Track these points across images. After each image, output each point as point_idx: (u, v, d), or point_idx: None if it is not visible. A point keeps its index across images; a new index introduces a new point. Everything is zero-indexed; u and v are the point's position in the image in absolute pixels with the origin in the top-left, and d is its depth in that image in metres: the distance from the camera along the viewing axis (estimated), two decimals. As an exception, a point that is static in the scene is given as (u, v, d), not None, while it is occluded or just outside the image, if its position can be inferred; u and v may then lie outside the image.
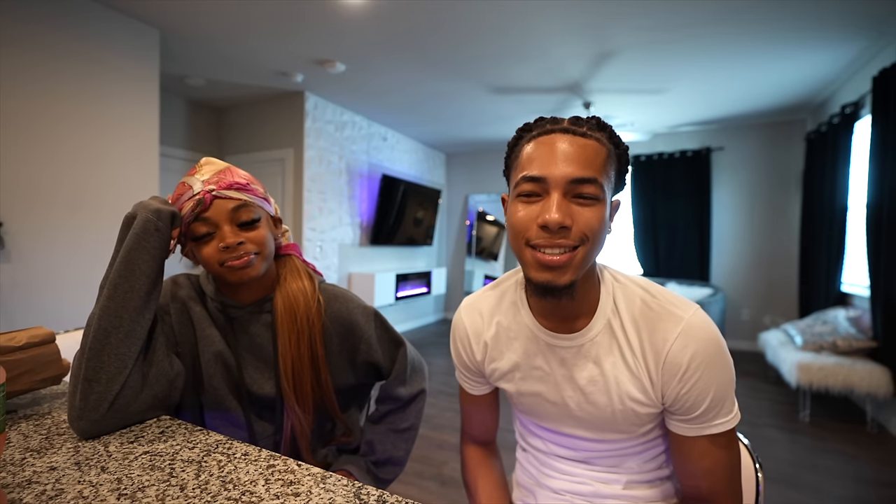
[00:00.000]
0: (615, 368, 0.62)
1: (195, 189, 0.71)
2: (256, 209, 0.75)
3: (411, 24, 2.64)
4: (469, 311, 0.75)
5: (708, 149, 4.66)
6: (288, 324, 0.78)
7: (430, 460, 2.13)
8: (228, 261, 0.72)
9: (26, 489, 0.50)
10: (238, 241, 0.72)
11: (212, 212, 0.71)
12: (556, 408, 0.68)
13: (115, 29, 2.49)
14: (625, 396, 0.62)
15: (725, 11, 2.42)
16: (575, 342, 0.64)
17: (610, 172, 0.59)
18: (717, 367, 0.58)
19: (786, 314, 4.34)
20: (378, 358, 0.87)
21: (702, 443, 0.61)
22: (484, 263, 5.98)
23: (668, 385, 0.60)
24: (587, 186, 0.55)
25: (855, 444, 2.38)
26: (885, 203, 2.49)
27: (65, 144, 2.29)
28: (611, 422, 0.65)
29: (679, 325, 0.59)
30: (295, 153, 3.83)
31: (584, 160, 0.55)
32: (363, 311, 0.86)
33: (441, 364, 3.96)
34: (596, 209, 0.56)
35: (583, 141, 0.57)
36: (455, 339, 0.77)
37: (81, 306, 2.35)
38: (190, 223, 0.72)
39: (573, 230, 0.55)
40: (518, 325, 0.69)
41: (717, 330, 0.60)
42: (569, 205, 0.55)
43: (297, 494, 0.51)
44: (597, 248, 0.58)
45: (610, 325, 0.63)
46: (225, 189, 0.72)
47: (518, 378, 0.70)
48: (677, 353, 0.58)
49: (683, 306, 0.61)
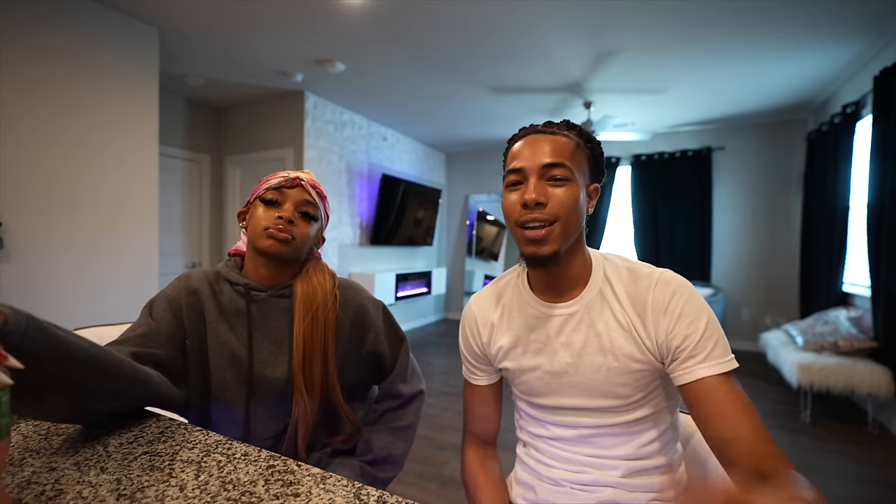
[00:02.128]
0: (608, 328, 0.70)
1: (291, 174, 0.86)
2: (318, 213, 0.89)
3: (411, 24, 2.63)
4: (478, 300, 0.85)
5: (709, 148, 4.66)
6: (304, 311, 0.84)
7: (431, 460, 2.13)
8: (273, 228, 0.81)
9: (26, 489, 0.50)
10: (292, 218, 0.83)
11: (291, 191, 0.85)
12: (556, 378, 0.73)
13: (114, 28, 2.49)
14: (619, 352, 0.69)
15: (726, 11, 2.42)
16: (570, 308, 0.73)
17: (580, 161, 0.70)
18: (697, 301, 0.66)
19: (787, 314, 4.33)
20: (383, 349, 0.91)
21: (710, 384, 0.61)
22: (484, 263, 5.97)
23: (658, 324, 0.66)
24: (557, 169, 0.68)
25: (856, 445, 2.38)
26: (887, 203, 2.49)
27: (64, 144, 2.29)
28: (607, 383, 0.69)
29: (656, 274, 0.70)
30: (295, 153, 3.83)
31: (553, 150, 0.68)
32: (373, 301, 0.93)
33: (441, 364, 3.95)
34: (567, 188, 0.67)
35: (552, 136, 0.70)
36: (464, 327, 0.85)
37: (80, 306, 2.35)
38: (270, 188, 0.84)
39: (548, 206, 0.67)
40: (520, 302, 0.78)
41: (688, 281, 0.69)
42: (544, 186, 0.68)
43: (297, 495, 0.50)
44: (573, 223, 0.68)
45: (601, 292, 0.72)
46: (310, 186, 0.87)
47: (519, 353, 0.77)
48: (658, 294, 0.68)
49: (659, 269, 0.72)
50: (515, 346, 0.77)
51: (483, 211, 6.00)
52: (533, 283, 0.77)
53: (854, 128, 3.12)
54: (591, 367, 0.70)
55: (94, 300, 2.40)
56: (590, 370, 0.70)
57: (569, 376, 0.72)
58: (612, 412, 0.71)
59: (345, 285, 0.92)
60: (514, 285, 0.81)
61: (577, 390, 0.72)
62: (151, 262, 2.69)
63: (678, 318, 0.65)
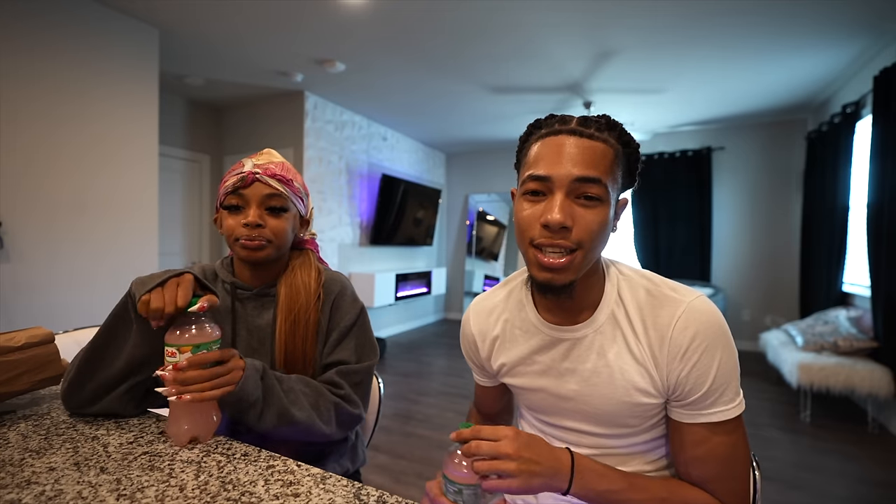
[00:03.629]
0: (619, 358, 0.62)
1: (245, 168, 0.79)
2: (287, 202, 0.82)
3: (411, 24, 2.63)
4: (476, 311, 0.78)
5: (708, 148, 4.66)
6: (286, 312, 0.83)
7: (431, 461, 2.13)
8: (243, 239, 0.78)
9: (25, 489, 0.50)
10: (258, 222, 0.78)
11: (249, 190, 0.79)
12: (561, 402, 0.68)
13: (114, 28, 2.48)
14: (629, 386, 0.62)
15: (726, 11, 2.42)
16: (578, 333, 0.65)
17: (616, 173, 0.60)
18: (718, 349, 0.58)
19: (787, 314, 4.33)
20: (346, 356, 0.84)
21: (698, 430, 0.59)
22: (484, 263, 5.97)
23: (672, 367, 0.59)
24: (591, 187, 0.57)
25: (856, 445, 2.37)
26: (886, 203, 2.48)
27: (64, 144, 2.29)
28: (616, 414, 0.64)
29: (681, 307, 0.60)
30: (294, 153, 3.83)
31: (589, 161, 0.57)
32: (352, 300, 0.89)
33: (441, 364, 3.95)
34: (598, 211, 0.57)
35: (589, 143, 0.58)
36: (463, 339, 0.81)
37: (80, 306, 2.35)
38: (228, 193, 0.79)
39: (574, 231, 0.56)
40: (523, 321, 0.71)
41: (720, 315, 0.60)
42: (571, 205, 0.57)
43: (297, 495, 0.50)
44: (597, 249, 0.60)
45: (614, 316, 0.64)
46: (268, 176, 0.79)
47: (523, 373, 0.71)
48: (679, 334, 0.59)
49: (686, 292, 0.62)
50: (519, 366, 0.72)
51: (483, 211, 6.00)
52: (539, 300, 0.70)
53: (854, 128, 3.12)
54: (600, 398, 0.64)
55: (93, 300, 2.40)
56: (598, 401, 0.64)
57: (575, 403, 0.66)
58: (621, 437, 0.66)
59: (329, 280, 0.88)
60: (518, 300, 0.73)
61: (584, 416, 0.67)
62: (151, 261, 2.69)
63: (691, 368, 0.58)
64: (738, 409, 0.59)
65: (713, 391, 0.58)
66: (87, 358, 0.71)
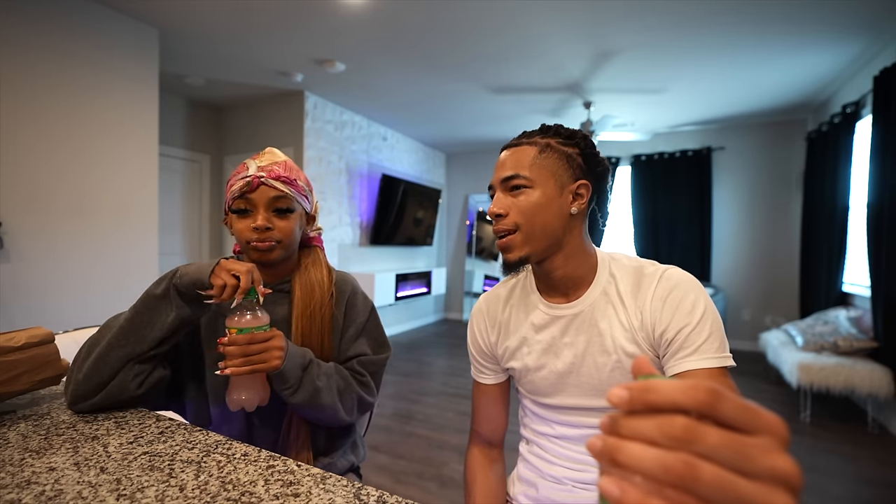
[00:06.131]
0: (611, 327, 0.71)
1: (249, 171, 0.80)
2: (293, 203, 0.84)
3: (411, 24, 2.63)
4: (487, 299, 0.86)
5: (708, 148, 4.66)
6: (302, 307, 0.86)
7: (431, 461, 2.13)
8: (254, 241, 0.81)
9: (25, 489, 0.50)
10: (267, 225, 0.80)
11: (255, 194, 0.80)
12: (560, 378, 0.74)
13: (114, 28, 2.49)
14: (621, 352, 0.69)
15: (726, 11, 2.42)
16: (575, 308, 0.73)
17: (548, 164, 0.71)
18: (694, 293, 0.66)
19: (787, 314, 4.33)
20: (363, 348, 0.90)
21: (707, 378, 0.60)
22: (484, 263, 5.97)
23: (655, 318, 0.67)
24: (514, 180, 0.71)
25: (856, 445, 2.38)
26: (886, 203, 2.48)
27: (64, 144, 2.29)
28: (610, 383, 0.70)
29: (661, 271, 0.70)
30: (294, 153, 3.83)
31: (512, 163, 0.72)
32: (363, 298, 0.94)
33: (441, 364, 3.95)
34: (526, 195, 0.70)
35: (516, 150, 0.73)
36: (473, 326, 0.86)
37: (81, 306, 2.35)
38: (235, 198, 0.81)
39: (509, 216, 0.70)
40: (527, 304, 0.80)
41: (695, 278, 0.69)
42: (507, 197, 0.72)
43: (297, 495, 0.50)
44: (538, 226, 0.70)
45: (605, 292, 0.73)
46: (272, 179, 0.81)
47: (525, 353, 0.78)
48: (659, 290, 0.68)
49: (664, 265, 0.72)
50: (522, 346, 0.78)
51: (483, 211, 6.00)
52: (539, 284, 0.79)
53: (854, 128, 3.12)
54: (595, 367, 0.71)
55: (93, 300, 2.40)
56: (593, 370, 0.71)
57: (573, 376, 0.73)
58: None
59: (340, 279, 0.93)
60: (522, 286, 0.82)
61: (582, 390, 0.73)
62: (151, 262, 2.69)
63: (674, 311, 0.65)
64: (726, 361, 0.63)
65: (698, 332, 0.63)
66: (123, 331, 0.74)
